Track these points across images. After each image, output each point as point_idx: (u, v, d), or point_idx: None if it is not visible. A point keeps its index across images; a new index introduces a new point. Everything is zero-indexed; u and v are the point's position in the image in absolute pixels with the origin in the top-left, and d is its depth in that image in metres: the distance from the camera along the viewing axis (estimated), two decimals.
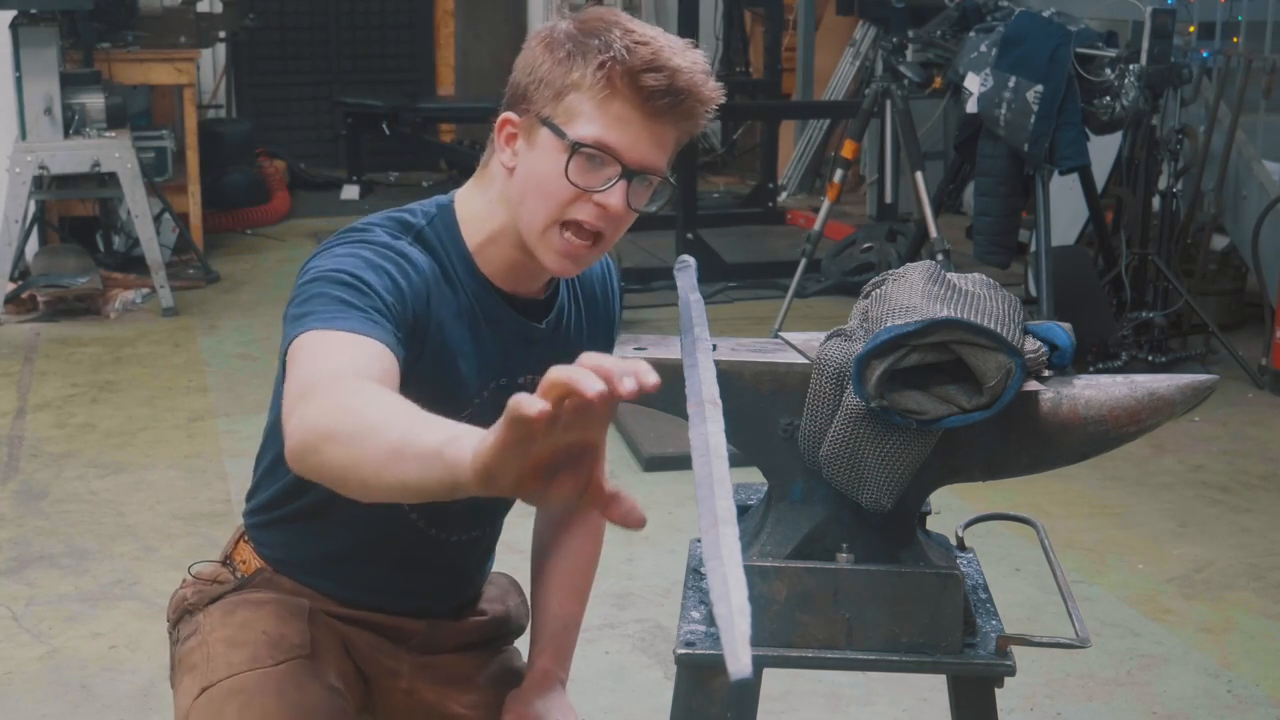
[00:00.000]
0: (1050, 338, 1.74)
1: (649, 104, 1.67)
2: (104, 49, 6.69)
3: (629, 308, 5.93)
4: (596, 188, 1.69)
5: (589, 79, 1.67)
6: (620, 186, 1.69)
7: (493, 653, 2.10)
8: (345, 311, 1.60)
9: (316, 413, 1.43)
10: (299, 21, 9.47)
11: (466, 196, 1.82)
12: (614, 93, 1.67)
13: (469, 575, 2.08)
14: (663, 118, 1.69)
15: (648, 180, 1.72)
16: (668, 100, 1.67)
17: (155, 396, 4.97)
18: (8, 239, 5.96)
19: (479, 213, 1.80)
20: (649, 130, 1.68)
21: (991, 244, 5.11)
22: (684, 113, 1.70)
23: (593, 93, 1.67)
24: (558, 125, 1.69)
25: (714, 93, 1.71)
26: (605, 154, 1.68)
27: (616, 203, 1.69)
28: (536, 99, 1.71)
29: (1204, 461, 4.47)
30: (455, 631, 2.06)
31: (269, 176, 8.12)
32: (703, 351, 1.63)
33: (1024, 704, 2.96)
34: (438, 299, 1.75)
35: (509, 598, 2.18)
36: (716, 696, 1.72)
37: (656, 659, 3.12)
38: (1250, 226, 5.52)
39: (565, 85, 1.69)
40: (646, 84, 1.66)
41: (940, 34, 5.44)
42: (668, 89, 1.66)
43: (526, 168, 1.73)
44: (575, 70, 1.68)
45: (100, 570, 3.56)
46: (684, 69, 1.67)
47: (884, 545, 1.74)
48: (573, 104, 1.68)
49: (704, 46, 2.09)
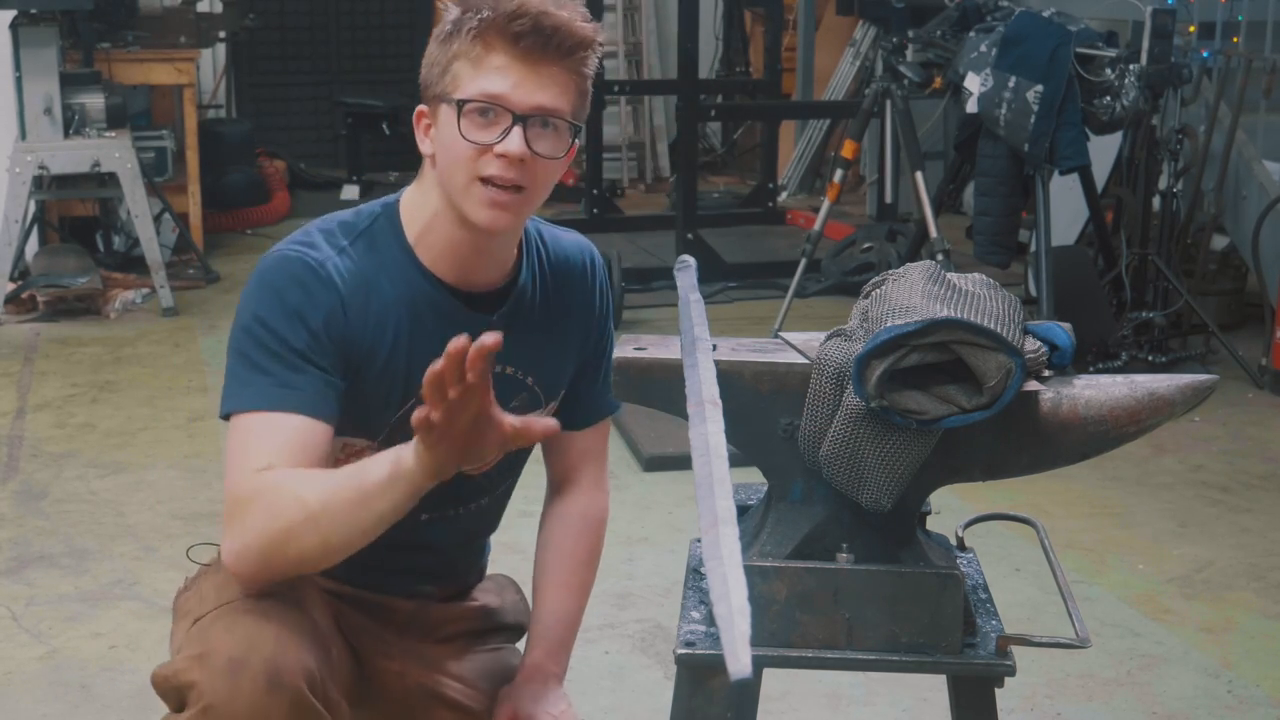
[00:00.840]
0: (1050, 338, 1.74)
1: (520, 46, 1.75)
2: (104, 49, 6.69)
3: (629, 308, 5.96)
4: (493, 139, 1.76)
5: (465, 44, 1.77)
6: (516, 132, 1.75)
7: (488, 645, 2.11)
8: (266, 385, 1.74)
9: (257, 533, 1.66)
10: (299, 21, 9.47)
11: (408, 194, 1.90)
12: (487, 47, 1.76)
13: (455, 564, 2.10)
14: (540, 58, 1.76)
15: (548, 124, 1.78)
16: (537, 39, 1.75)
17: (155, 396, 4.97)
18: (8, 239, 5.96)
19: (416, 203, 1.88)
20: (532, 73, 1.76)
21: (991, 244, 5.11)
22: (561, 49, 1.77)
23: (470, 55, 1.77)
24: (448, 95, 1.77)
25: (588, 30, 1.79)
26: (491, 104, 1.76)
27: (515, 147, 1.75)
28: (431, 82, 1.81)
29: (1204, 461, 4.47)
30: (445, 616, 2.07)
31: (269, 176, 8.11)
32: (703, 351, 1.64)
33: (1024, 704, 2.96)
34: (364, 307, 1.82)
35: (506, 593, 2.19)
36: (716, 696, 1.72)
37: (656, 659, 3.12)
38: (1250, 226, 5.52)
39: (449, 59, 1.78)
40: (513, 29, 1.74)
41: (940, 34, 5.44)
42: (534, 28, 1.74)
43: (439, 145, 1.81)
44: (454, 43, 1.77)
45: (100, 570, 3.56)
46: (550, 11, 1.76)
47: (884, 545, 1.74)
48: (456, 71, 1.77)
49: (704, 46, 2.11)
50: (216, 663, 1.67)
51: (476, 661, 2.07)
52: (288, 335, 1.76)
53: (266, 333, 1.77)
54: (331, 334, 1.78)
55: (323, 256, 1.81)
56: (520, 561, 2.16)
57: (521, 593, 2.22)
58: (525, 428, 1.56)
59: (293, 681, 1.67)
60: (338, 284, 1.80)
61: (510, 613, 2.17)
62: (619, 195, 8.45)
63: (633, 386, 1.76)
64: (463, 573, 2.13)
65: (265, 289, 1.80)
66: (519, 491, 2.12)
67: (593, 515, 2.11)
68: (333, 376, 1.78)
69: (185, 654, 1.72)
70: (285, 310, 1.77)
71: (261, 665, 1.66)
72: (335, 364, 1.78)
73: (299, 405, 1.74)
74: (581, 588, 2.09)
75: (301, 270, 1.79)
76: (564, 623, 2.06)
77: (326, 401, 1.77)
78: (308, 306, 1.77)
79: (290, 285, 1.78)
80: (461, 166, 1.77)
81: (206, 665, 1.68)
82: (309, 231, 1.87)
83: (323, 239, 1.84)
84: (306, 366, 1.76)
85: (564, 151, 1.81)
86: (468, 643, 2.08)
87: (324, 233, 1.86)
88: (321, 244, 1.83)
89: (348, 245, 1.84)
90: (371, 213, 1.90)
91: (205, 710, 1.67)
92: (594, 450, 2.11)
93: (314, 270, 1.79)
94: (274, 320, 1.77)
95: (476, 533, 2.11)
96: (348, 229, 1.87)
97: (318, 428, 1.75)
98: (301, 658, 1.69)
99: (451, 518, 2.00)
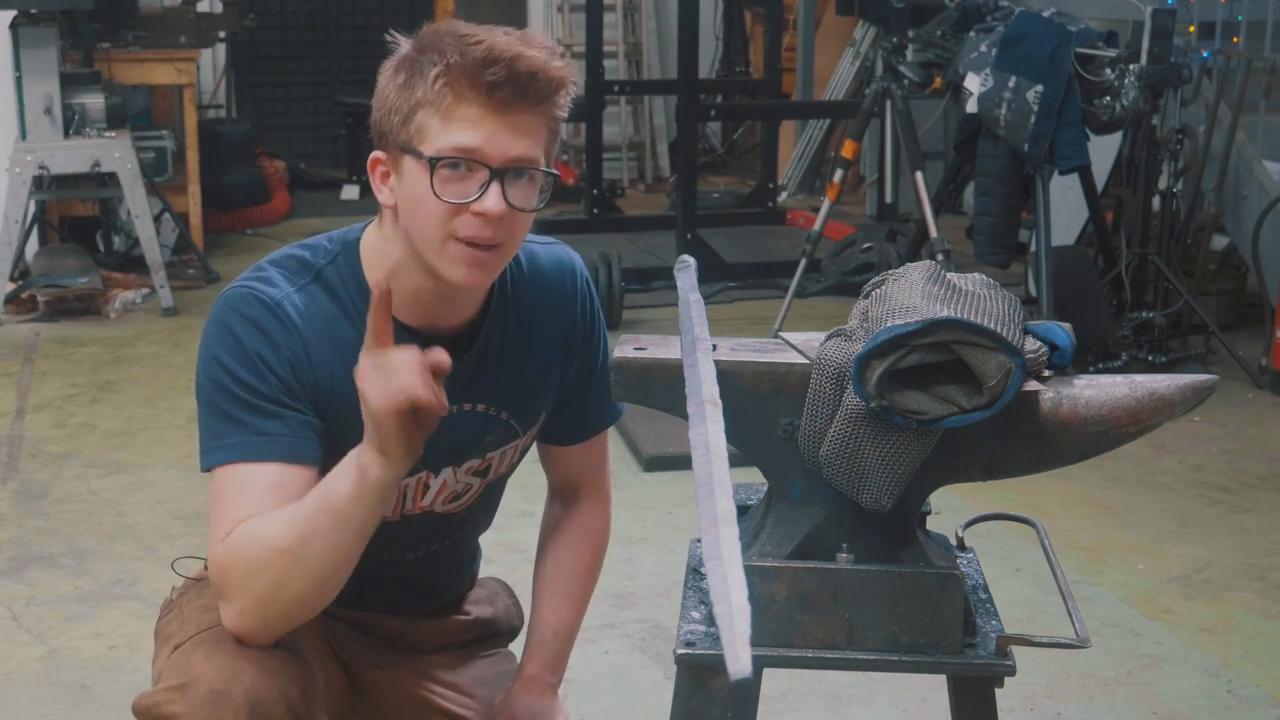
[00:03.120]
0: (1050, 338, 1.74)
1: (494, 97, 1.64)
2: (104, 49, 6.69)
3: (629, 308, 5.96)
4: (470, 197, 1.66)
5: (431, 93, 1.65)
6: (494, 189, 1.66)
7: (481, 653, 2.10)
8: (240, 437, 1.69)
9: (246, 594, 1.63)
10: (299, 21, 9.48)
11: (369, 233, 1.81)
12: (457, 97, 1.64)
13: (442, 587, 2.08)
14: (515, 107, 1.65)
15: (523, 174, 1.68)
16: (511, 89, 1.64)
17: (155, 396, 4.97)
18: (8, 239, 5.96)
19: (377, 250, 1.78)
20: (506, 124, 1.65)
21: (991, 244, 5.11)
22: (536, 96, 1.66)
23: (437, 104, 1.65)
24: (414, 147, 1.66)
25: (563, 71, 1.68)
26: (466, 159, 1.65)
27: (493, 205, 1.65)
28: (390, 130, 1.70)
29: (1204, 461, 4.47)
30: (436, 631, 2.06)
31: (269, 176, 8.12)
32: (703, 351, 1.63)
33: (1024, 704, 2.96)
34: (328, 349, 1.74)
35: (498, 600, 2.18)
36: (716, 696, 1.72)
37: (656, 659, 3.12)
38: (1250, 226, 5.52)
39: (411, 106, 1.67)
40: (486, 79, 1.63)
41: (940, 34, 5.44)
42: (508, 77, 1.63)
43: (403, 198, 1.70)
44: (418, 89, 1.66)
45: (100, 570, 3.56)
46: (524, 55, 1.64)
47: (884, 545, 1.74)
48: (422, 121, 1.66)
49: (704, 46, 2.10)
50: (198, 693, 1.64)
51: (470, 669, 2.06)
52: (254, 382, 1.70)
53: (233, 381, 1.70)
54: (299, 376, 1.72)
55: (280, 295, 1.74)
56: (520, 561, 2.17)
57: (514, 596, 2.21)
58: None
59: (274, 710, 1.65)
60: (298, 323, 1.73)
61: (504, 620, 2.16)
62: (619, 195, 8.45)
63: (633, 386, 1.76)
64: (454, 589, 2.12)
65: (224, 334, 1.72)
66: (519, 492, 2.12)
67: (593, 526, 2.09)
68: (308, 416, 1.71)
69: (166, 684, 1.69)
70: (247, 356, 1.70)
71: (243, 696, 1.64)
72: (306, 404, 1.72)
73: (274, 453, 1.69)
74: (580, 599, 2.08)
75: (259, 312, 1.72)
76: (561, 635, 2.05)
77: (306, 442, 1.71)
78: (269, 351, 1.71)
79: (249, 329, 1.71)
80: (435, 225, 1.67)
81: (188, 696, 1.65)
82: (263, 267, 1.78)
83: (280, 276, 1.76)
84: (280, 410, 1.70)
85: (540, 201, 1.72)
86: (461, 651, 2.08)
87: (281, 270, 1.77)
88: (279, 281, 1.76)
89: (306, 284, 1.76)
90: (330, 252, 1.80)
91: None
92: (594, 460, 2.08)
93: (272, 311, 1.72)
94: (238, 368, 1.70)
95: (461, 556, 2.10)
96: (305, 267, 1.78)
97: (299, 473, 1.69)
98: (284, 686, 1.66)
99: (436, 552, 1.99)
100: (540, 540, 2.11)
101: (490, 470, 1.94)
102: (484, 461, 1.92)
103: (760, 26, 8.98)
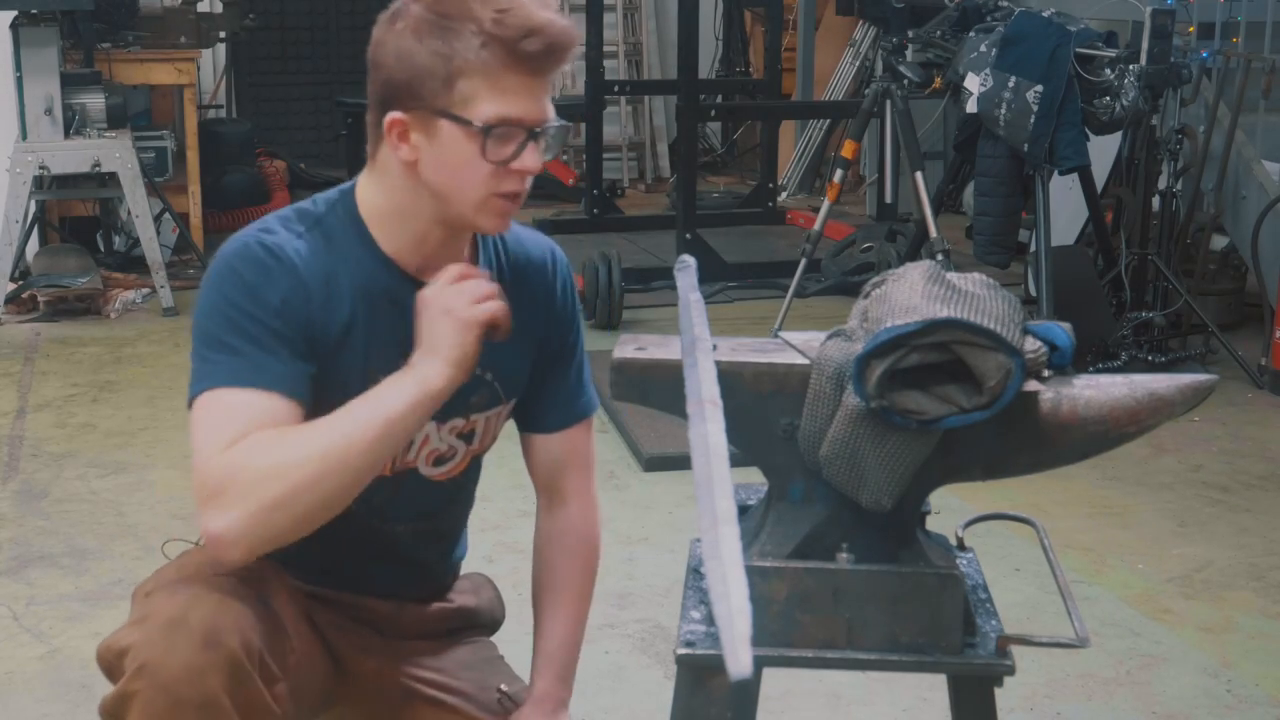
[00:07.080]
0: (1050, 338, 1.74)
1: (534, 65, 1.75)
2: (104, 49, 6.69)
3: (629, 307, 5.96)
4: (510, 156, 1.76)
5: (474, 61, 1.73)
6: (532, 148, 1.77)
7: (464, 640, 2.11)
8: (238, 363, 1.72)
9: (253, 501, 1.62)
10: (299, 21, 9.47)
11: (365, 184, 1.88)
12: (502, 67, 1.73)
13: (428, 568, 2.10)
14: (546, 72, 1.78)
15: (551, 131, 1.81)
16: (551, 60, 1.76)
17: (155, 396, 4.97)
18: (8, 239, 5.96)
19: (377, 197, 1.85)
20: (540, 88, 1.78)
21: (991, 244, 5.11)
22: (562, 61, 1.79)
23: (483, 74, 1.73)
24: (458, 115, 1.75)
25: (577, 33, 1.81)
26: (515, 126, 1.76)
27: (534, 163, 1.78)
28: (424, 93, 1.76)
29: (1204, 461, 4.47)
30: (423, 617, 2.08)
31: (269, 176, 8.11)
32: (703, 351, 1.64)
33: (1024, 704, 2.96)
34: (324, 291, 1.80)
35: (482, 591, 2.20)
36: (716, 696, 1.72)
37: (656, 659, 3.12)
38: (1250, 226, 5.52)
39: (451, 72, 1.74)
40: (528, 50, 1.73)
41: (940, 34, 5.44)
42: (547, 49, 1.75)
43: (436, 159, 1.78)
44: (456, 56, 1.73)
45: (100, 570, 3.57)
46: (551, 22, 1.75)
47: (884, 545, 1.74)
48: (465, 90, 1.74)
49: (704, 46, 2.13)
50: (154, 623, 1.67)
51: (453, 654, 2.08)
52: (258, 313, 1.74)
53: (236, 312, 1.74)
54: (295, 315, 1.76)
55: (281, 240, 1.81)
56: (520, 561, 2.17)
57: (496, 590, 2.23)
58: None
59: (229, 641, 1.66)
60: (297, 265, 1.79)
61: (486, 612, 2.18)
62: (619, 195, 8.45)
63: (633, 386, 1.76)
64: (439, 575, 2.14)
65: (227, 273, 1.78)
66: (519, 491, 2.13)
67: (586, 533, 2.11)
68: (302, 361, 1.76)
69: (126, 623, 1.73)
70: (250, 291, 1.75)
71: (199, 624, 1.66)
72: (301, 348, 1.76)
73: (274, 383, 1.72)
74: (582, 609, 2.10)
75: (261, 253, 1.79)
76: (567, 646, 2.07)
77: (301, 384, 1.75)
78: (269, 288, 1.76)
79: (252, 268, 1.77)
80: (478, 184, 1.77)
81: (144, 627, 1.68)
82: (266, 220, 1.87)
83: (279, 225, 1.84)
84: (279, 348, 1.74)
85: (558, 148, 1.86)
86: (444, 639, 2.09)
87: (281, 219, 1.86)
88: (279, 229, 1.83)
89: (305, 231, 1.84)
90: (328, 200, 1.89)
91: (141, 669, 1.67)
92: (576, 456, 2.09)
93: (273, 252, 1.79)
94: (241, 300, 1.75)
95: (445, 537, 2.11)
96: (304, 216, 1.86)
97: (292, 411, 1.72)
98: (240, 623, 1.69)
99: (424, 530, 2.02)
100: (536, 551, 2.12)
101: (475, 437, 1.98)
102: (468, 423, 1.96)
103: (760, 26, 8.98)
